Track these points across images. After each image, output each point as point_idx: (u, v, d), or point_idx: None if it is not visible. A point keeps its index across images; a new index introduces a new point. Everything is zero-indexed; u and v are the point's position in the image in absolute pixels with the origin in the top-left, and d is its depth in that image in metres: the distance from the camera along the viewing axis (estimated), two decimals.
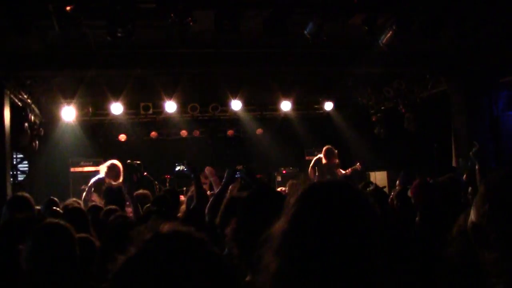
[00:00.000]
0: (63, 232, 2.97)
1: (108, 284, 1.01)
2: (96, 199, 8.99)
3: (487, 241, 1.31)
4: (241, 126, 14.97)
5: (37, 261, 2.81)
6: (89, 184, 9.27)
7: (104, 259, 2.87)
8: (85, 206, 8.00)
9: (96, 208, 6.32)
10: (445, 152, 11.16)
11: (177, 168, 13.79)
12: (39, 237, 2.91)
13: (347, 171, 10.76)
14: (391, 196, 6.39)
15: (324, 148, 10.87)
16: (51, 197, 7.14)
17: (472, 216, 1.39)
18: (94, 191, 9.13)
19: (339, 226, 1.42)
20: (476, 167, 5.68)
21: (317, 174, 10.79)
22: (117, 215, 4.88)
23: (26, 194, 5.10)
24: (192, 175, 5.38)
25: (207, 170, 6.73)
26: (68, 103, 12.09)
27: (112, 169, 9.10)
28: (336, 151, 10.83)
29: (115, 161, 9.22)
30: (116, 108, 12.20)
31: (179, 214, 6.30)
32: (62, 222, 3.12)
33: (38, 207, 6.40)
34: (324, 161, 10.72)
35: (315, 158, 11.13)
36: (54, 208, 5.84)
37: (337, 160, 10.79)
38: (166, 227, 1.08)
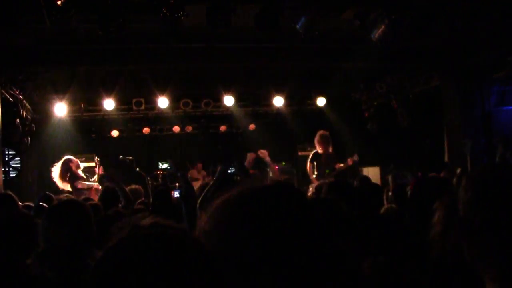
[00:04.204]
0: (80, 209, 3.01)
1: (88, 277, 0.99)
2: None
3: (472, 231, 1.30)
4: (234, 122, 14.96)
5: (54, 237, 2.82)
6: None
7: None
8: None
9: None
10: (437, 148, 11.19)
11: (162, 166, 13.80)
12: (56, 213, 2.94)
13: (342, 166, 10.09)
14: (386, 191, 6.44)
15: (318, 134, 10.32)
16: (47, 192, 7.13)
17: (460, 210, 1.39)
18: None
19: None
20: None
21: (315, 169, 10.13)
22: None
23: (10, 192, 5.09)
24: (179, 173, 5.37)
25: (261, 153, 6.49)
26: (60, 99, 12.02)
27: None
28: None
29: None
30: (108, 104, 12.16)
31: None
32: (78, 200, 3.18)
33: (30, 204, 6.39)
34: (319, 149, 10.21)
35: (312, 153, 10.47)
36: (41, 203, 5.84)
37: (331, 148, 10.25)
38: (146, 220, 1.07)
